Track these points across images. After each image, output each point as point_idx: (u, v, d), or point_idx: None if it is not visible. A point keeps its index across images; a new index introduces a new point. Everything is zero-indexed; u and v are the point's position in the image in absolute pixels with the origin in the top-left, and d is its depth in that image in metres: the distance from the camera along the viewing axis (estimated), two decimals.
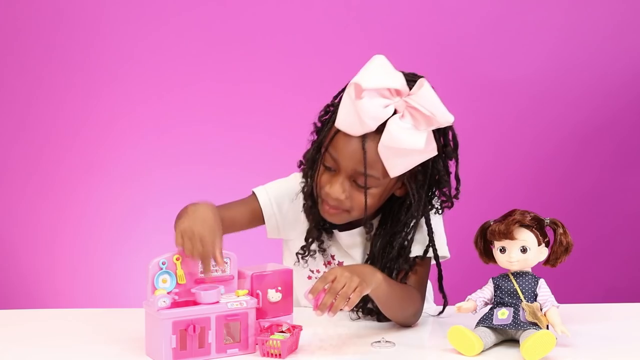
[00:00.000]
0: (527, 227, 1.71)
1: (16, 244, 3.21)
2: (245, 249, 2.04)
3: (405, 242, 1.87)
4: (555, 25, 3.19)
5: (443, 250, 1.92)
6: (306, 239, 1.94)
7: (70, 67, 3.16)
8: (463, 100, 3.07)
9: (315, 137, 1.90)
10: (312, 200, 1.90)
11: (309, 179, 1.89)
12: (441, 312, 1.92)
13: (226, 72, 3.18)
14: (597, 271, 3.24)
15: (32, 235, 3.21)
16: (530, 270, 1.74)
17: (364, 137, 1.76)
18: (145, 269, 1.62)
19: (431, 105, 1.74)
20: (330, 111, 1.87)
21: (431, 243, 1.89)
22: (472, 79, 3.16)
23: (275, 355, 1.63)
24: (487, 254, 1.78)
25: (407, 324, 1.86)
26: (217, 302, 1.63)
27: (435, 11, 3.17)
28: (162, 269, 1.62)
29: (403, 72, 1.81)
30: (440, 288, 1.92)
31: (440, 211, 1.90)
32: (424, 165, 1.81)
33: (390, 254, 1.87)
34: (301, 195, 1.94)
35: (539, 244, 1.72)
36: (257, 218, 1.97)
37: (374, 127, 1.75)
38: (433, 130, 1.77)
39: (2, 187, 3.20)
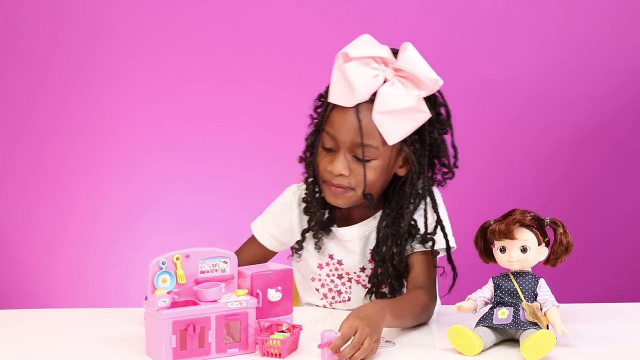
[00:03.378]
0: (527, 226, 1.71)
1: (16, 244, 3.21)
2: None
3: (413, 221, 1.89)
4: (554, 25, 3.19)
5: (450, 241, 1.93)
6: (302, 233, 1.97)
7: (71, 67, 3.16)
8: (463, 100, 3.06)
9: (312, 128, 1.93)
10: (315, 192, 1.93)
11: (310, 168, 1.92)
12: (452, 287, 1.92)
13: (226, 73, 3.17)
14: (597, 271, 3.24)
15: (32, 235, 3.21)
16: (530, 269, 1.73)
17: (357, 108, 1.82)
18: (145, 269, 1.62)
19: (417, 67, 1.81)
20: (323, 100, 1.91)
21: (438, 220, 1.90)
22: (471, 79, 3.16)
23: (275, 355, 1.63)
24: (487, 254, 1.78)
25: (420, 324, 1.86)
26: (219, 299, 1.63)
27: (434, 11, 3.17)
28: (162, 268, 1.62)
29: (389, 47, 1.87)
30: (449, 259, 1.93)
31: (442, 183, 1.94)
32: (420, 134, 1.86)
33: (400, 228, 1.88)
34: (296, 203, 1.98)
35: (539, 244, 1.72)
36: (266, 251, 2.05)
37: (366, 96, 1.81)
38: (425, 101, 1.82)
39: (2, 187, 3.19)
